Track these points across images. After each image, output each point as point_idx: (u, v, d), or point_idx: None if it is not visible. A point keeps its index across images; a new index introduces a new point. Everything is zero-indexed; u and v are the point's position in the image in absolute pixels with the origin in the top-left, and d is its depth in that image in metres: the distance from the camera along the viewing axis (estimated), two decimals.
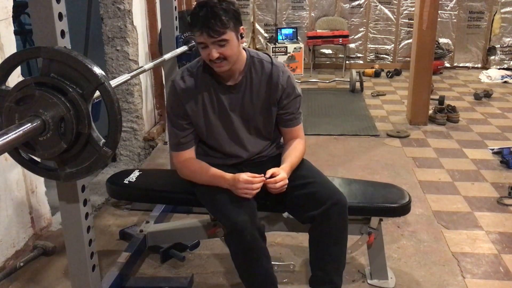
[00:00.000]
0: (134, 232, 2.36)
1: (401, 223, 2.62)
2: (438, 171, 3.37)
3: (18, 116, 1.28)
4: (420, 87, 4.30)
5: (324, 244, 1.82)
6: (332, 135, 4.10)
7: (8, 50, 2.20)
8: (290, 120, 1.93)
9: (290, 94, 1.88)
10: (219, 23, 1.64)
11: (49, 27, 1.37)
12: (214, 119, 1.87)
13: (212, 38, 1.66)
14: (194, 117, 1.86)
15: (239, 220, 1.67)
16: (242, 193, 1.73)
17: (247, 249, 1.70)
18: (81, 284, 1.68)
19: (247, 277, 1.80)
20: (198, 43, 1.72)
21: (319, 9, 6.82)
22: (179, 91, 1.84)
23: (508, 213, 2.76)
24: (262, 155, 1.98)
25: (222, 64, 1.73)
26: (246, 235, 1.66)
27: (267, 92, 1.86)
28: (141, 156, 3.74)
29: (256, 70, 1.85)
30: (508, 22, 6.53)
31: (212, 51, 1.68)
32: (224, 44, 1.68)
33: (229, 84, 1.84)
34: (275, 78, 1.85)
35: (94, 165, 1.37)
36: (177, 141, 1.89)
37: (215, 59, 1.70)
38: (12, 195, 2.30)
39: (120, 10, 3.40)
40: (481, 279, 2.17)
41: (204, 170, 1.85)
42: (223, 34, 1.66)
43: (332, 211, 1.76)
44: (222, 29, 1.65)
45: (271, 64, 1.87)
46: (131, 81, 3.51)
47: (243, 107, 1.87)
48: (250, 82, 1.85)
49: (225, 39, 1.67)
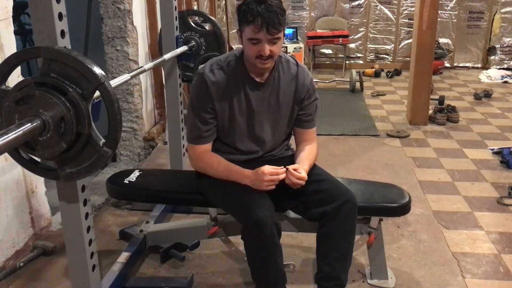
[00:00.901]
0: (134, 232, 2.36)
1: (401, 223, 2.62)
2: (438, 171, 3.37)
3: (18, 116, 1.28)
4: (420, 87, 4.30)
5: (334, 240, 1.82)
6: (332, 135, 4.10)
7: (8, 50, 2.20)
8: (307, 121, 1.97)
9: (311, 95, 1.94)
10: (279, 21, 1.67)
11: (49, 27, 1.37)
12: (239, 116, 1.88)
13: (270, 35, 1.68)
14: (220, 112, 1.86)
15: (261, 215, 1.67)
16: (267, 185, 1.75)
17: (265, 245, 1.71)
18: (81, 284, 1.68)
19: (260, 274, 1.80)
20: (251, 38, 1.71)
21: (319, 9, 6.82)
22: (209, 84, 1.82)
23: (508, 213, 2.76)
24: (273, 154, 1.99)
25: (268, 61, 1.75)
26: (266, 230, 1.66)
27: (294, 91, 1.90)
28: (141, 156, 3.74)
29: (283, 69, 1.89)
30: (508, 22, 6.53)
31: (266, 47, 1.70)
32: (276, 42, 1.72)
33: (258, 81, 1.86)
34: (301, 78, 1.90)
35: (94, 165, 1.37)
36: (198, 134, 1.87)
37: (267, 56, 1.72)
38: (12, 195, 2.30)
39: (120, 10, 3.40)
40: (481, 279, 2.17)
41: (222, 164, 1.86)
42: (280, 32, 1.70)
43: (344, 208, 1.78)
44: (280, 27, 1.69)
45: (297, 65, 1.92)
46: (131, 81, 3.51)
47: (269, 105, 1.89)
48: (278, 81, 1.88)
49: (279, 37, 1.72)
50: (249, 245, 1.77)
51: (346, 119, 4.58)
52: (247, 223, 1.73)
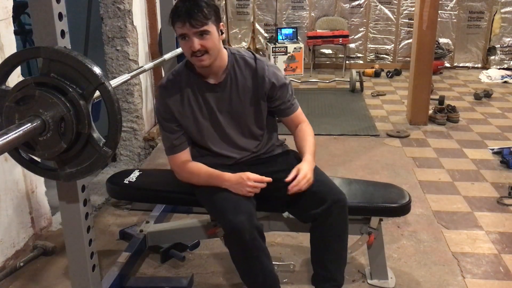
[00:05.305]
0: (134, 232, 2.36)
1: (401, 223, 2.62)
2: (438, 171, 3.37)
3: (18, 116, 1.28)
4: (420, 87, 4.30)
5: (326, 242, 1.82)
6: (332, 135, 4.10)
7: (8, 50, 2.20)
8: (287, 108, 1.94)
9: (278, 85, 1.88)
10: (201, 13, 1.66)
11: (49, 27, 1.37)
12: (203, 120, 1.87)
13: (194, 28, 1.68)
14: (182, 119, 1.87)
15: (237, 220, 1.66)
16: (248, 191, 1.75)
17: (247, 249, 1.70)
18: (81, 284, 1.68)
19: (248, 278, 1.80)
20: (180, 35, 1.73)
21: (319, 9, 6.82)
22: (164, 95, 1.86)
23: (508, 213, 2.76)
24: (259, 154, 1.96)
25: (204, 58, 1.73)
26: (245, 235, 1.65)
27: (254, 87, 1.86)
28: (141, 156, 3.74)
29: (239, 67, 1.85)
30: (508, 22, 6.53)
31: (194, 41, 1.69)
32: (205, 35, 1.70)
33: (213, 83, 1.84)
34: (260, 72, 1.85)
35: (94, 165, 1.37)
36: (170, 144, 1.89)
37: (196, 51, 1.70)
38: (12, 195, 2.30)
39: (120, 10, 3.40)
40: (481, 279, 2.17)
41: (202, 171, 1.86)
42: (205, 25, 1.68)
43: (333, 209, 1.76)
44: (204, 19, 1.67)
45: (255, 59, 1.87)
46: (131, 81, 3.51)
47: (231, 105, 1.87)
48: (235, 79, 1.85)
49: (206, 30, 1.69)
50: (231, 251, 1.77)
51: (346, 119, 4.58)
52: (225, 229, 1.72)
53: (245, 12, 6.89)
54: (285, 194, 1.78)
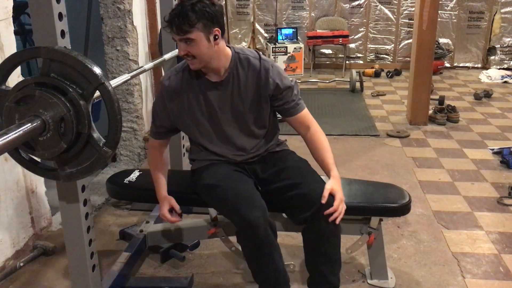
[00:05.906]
0: (134, 232, 2.36)
1: (401, 223, 2.62)
2: (438, 171, 3.37)
3: (18, 116, 1.29)
4: (420, 87, 4.30)
5: (317, 245, 1.81)
6: (332, 135, 4.10)
7: (8, 50, 2.20)
8: (292, 107, 1.92)
9: (283, 87, 1.87)
10: (184, 21, 1.66)
11: (49, 27, 1.37)
12: (202, 118, 1.88)
13: (177, 35, 1.69)
14: (181, 115, 1.88)
15: (252, 216, 1.65)
16: None
17: (261, 245, 1.70)
18: (81, 284, 1.69)
19: (260, 274, 1.80)
20: (172, 39, 1.77)
21: (319, 9, 6.82)
22: (164, 91, 1.89)
23: (508, 213, 2.76)
24: (257, 154, 1.95)
25: (193, 62, 1.76)
26: (260, 231, 1.65)
27: (257, 87, 1.85)
28: (141, 156, 3.74)
29: (242, 66, 1.85)
30: (508, 22, 6.53)
31: (180, 46, 1.73)
32: (190, 42, 1.70)
33: (215, 80, 1.85)
34: (264, 73, 1.83)
35: (94, 165, 1.37)
36: (152, 128, 1.99)
37: (183, 55, 1.74)
38: (12, 195, 2.30)
39: (120, 10, 3.40)
40: (481, 279, 2.17)
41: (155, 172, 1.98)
42: (188, 33, 1.67)
43: (322, 212, 1.73)
44: (187, 28, 1.66)
45: (259, 59, 1.86)
46: (131, 81, 3.51)
47: (232, 104, 1.87)
48: (237, 78, 1.84)
49: (190, 38, 1.68)
50: (245, 247, 1.77)
51: (346, 119, 4.58)
52: (240, 225, 1.72)
53: (245, 12, 6.89)
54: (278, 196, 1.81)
